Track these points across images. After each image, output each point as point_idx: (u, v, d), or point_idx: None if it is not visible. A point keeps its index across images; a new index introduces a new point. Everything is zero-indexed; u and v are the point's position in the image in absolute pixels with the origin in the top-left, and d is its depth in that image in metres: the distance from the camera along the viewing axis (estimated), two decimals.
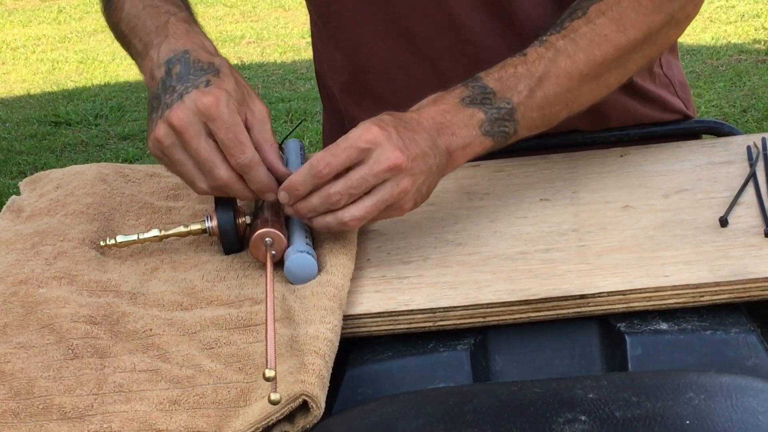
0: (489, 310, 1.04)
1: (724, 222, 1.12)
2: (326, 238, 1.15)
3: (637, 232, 1.13)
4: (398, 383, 1.00)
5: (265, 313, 1.00)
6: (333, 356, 0.98)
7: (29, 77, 6.42)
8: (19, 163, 4.82)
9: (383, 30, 1.35)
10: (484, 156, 1.19)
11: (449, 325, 1.04)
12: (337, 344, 1.00)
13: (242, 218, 1.17)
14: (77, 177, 1.34)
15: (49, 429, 0.95)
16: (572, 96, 1.18)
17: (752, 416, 0.83)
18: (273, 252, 1.11)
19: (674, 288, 1.03)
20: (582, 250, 1.11)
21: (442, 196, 1.25)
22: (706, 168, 1.26)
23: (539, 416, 0.84)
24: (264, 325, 1.02)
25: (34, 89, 6.12)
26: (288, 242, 1.12)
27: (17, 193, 1.38)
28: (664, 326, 1.01)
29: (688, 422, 0.82)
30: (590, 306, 1.03)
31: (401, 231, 1.19)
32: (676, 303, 1.03)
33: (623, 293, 1.03)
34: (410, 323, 1.05)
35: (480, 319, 1.04)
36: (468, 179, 1.29)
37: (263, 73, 5.94)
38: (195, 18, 1.28)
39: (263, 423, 0.92)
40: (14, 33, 7.67)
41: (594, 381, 0.89)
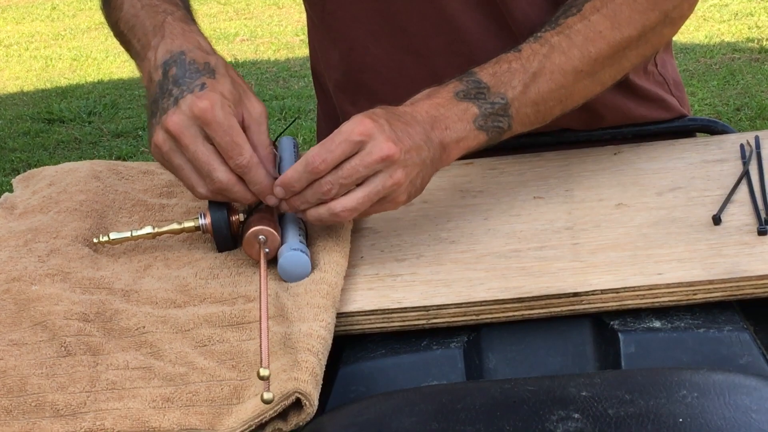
0: (482, 308, 1.04)
1: (718, 220, 1.12)
2: (320, 236, 1.15)
3: (631, 230, 1.13)
4: (391, 381, 1.00)
5: (259, 312, 1.00)
6: (326, 354, 0.98)
7: (22, 74, 6.41)
8: (12, 161, 4.81)
9: (378, 29, 1.35)
10: (477, 153, 1.19)
11: (442, 323, 1.04)
12: (331, 342, 1.00)
13: (236, 216, 1.17)
14: (70, 174, 1.34)
15: (42, 426, 0.95)
16: (566, 92, 1.18)
17: (745, 414, 0.83)
18: (266, 250, 1.11)
19: (668, 286, 1.03)
20: (575, 248, 1.11)
21: (436, 194, 1.25)
22: (700, 166, 1.26)
23: (532, 414, 0.84)
24: (257, 323, 1.02)
25: (28, 86, 6.12)
26: (281, 240, 1.12)
27: (10, 191, 1.38)
28: (658, 324, 1.01)
29: (681, 420, 0.82)
30: (584, 304, 1.03)
31: (395, 229, 1.19)
32: (670, 301, 1.03)
33: (617, 291, 1.03)
34: (403, 321, 1.05)
35: (473, 317, 1.04)
36: (461, 177, 1.29)
37: (257, 71, 5.94)
38: (193, 16, 1.27)
39: (256, 420, 0.91)
40: (7, 30, 7.66)
41: (587, 379, 0.89)
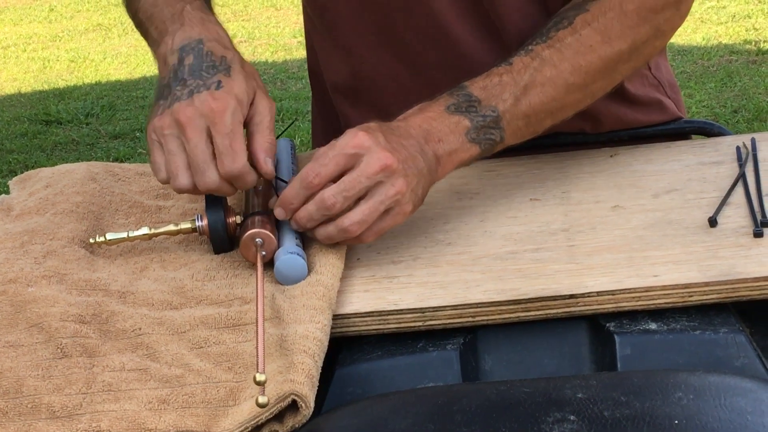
0: (478, 310, 1.04)
1: (714, 222, 1.12)
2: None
3: (627, 232, 1.13)
4: (388, 383, 1.00)
5: (256, 316, 1.00)
6: (322, 356, 0.98)
7: (20, 76, 6.41)
8: (10, 162, 4.81)
9: (375, 40, 1.36)
10: None
11: (439, 325, 1.04)
12: (327, 344, 1.00)
13: (233, 218, 1.17)
14: (67, 176, 1.34)
15: (38, 428, 0.95)
16: (557, 104, 1.19)
17: (741, 416, 0.83)
18: (263, 252, 1.11)
19: (663, 288, 1.03)
20: (572, 250, 1.11)
21: (433, 196, 1.25)
22: (696, 168, 1.26)
23: (528, 416, 0.84)
24: (254, 325, 1.02)
25: (25, 88, 6.12)
26: (278, 243, 1.12)
27: (7, 192, 1.38)
28: (653, 326, 1.01)
29: (677, 422, 0.82)
30: (579, 306, 1.03)
31: (391, 231, 1.19)
32: (666, 303, 1.03)
33: (612, 293, 1.03)
34: (400, 323, 1.05)
35: (469, 319, 1.04)
36: (458, 179, 1.29)
37: None
38: (211, 6, 1.29)
39: (252, 422, 0.91)
40: (5, 31, 7.66)
41: (583, 381, 0.89)
